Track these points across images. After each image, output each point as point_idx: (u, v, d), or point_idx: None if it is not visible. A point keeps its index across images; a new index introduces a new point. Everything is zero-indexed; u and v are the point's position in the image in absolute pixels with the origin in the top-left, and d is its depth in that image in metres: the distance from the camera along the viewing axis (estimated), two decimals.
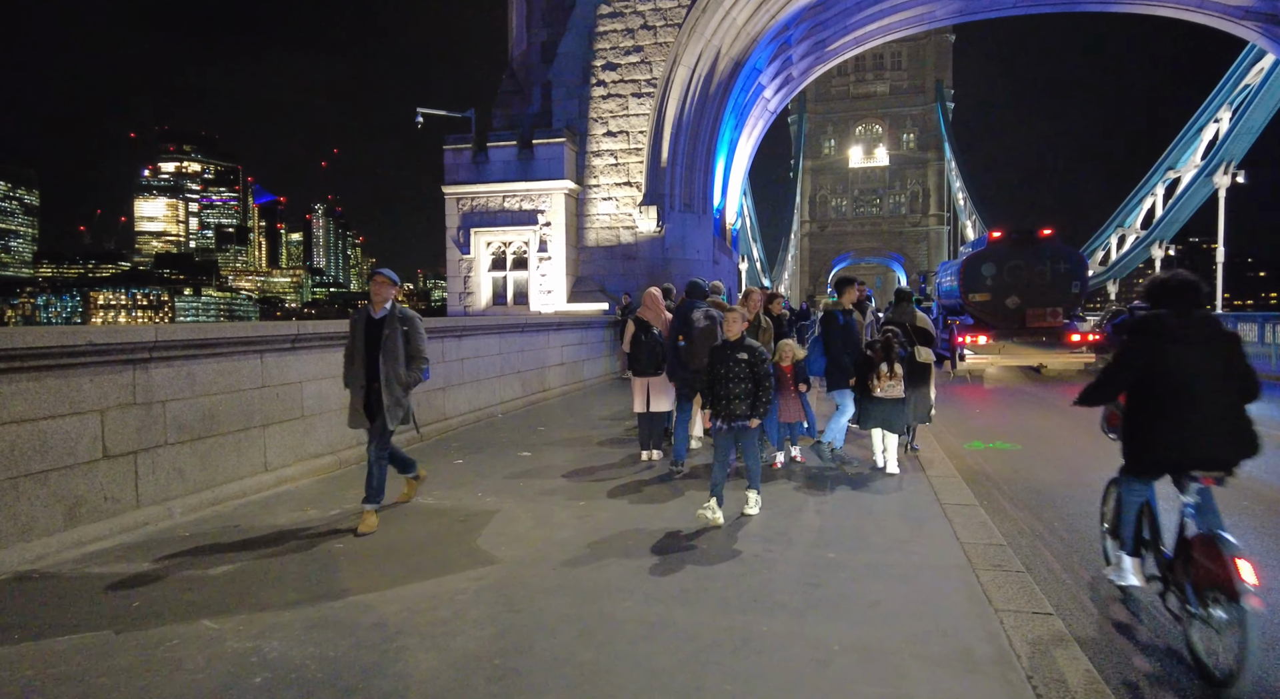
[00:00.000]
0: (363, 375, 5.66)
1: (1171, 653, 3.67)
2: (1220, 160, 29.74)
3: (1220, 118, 31.46)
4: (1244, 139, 29.77)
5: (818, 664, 3.31)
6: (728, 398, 5.46)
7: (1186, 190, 35.14)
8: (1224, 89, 30.84)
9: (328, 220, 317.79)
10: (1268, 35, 21.96)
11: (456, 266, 20.77)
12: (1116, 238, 42.62)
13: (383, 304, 5.68)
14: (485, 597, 4.12)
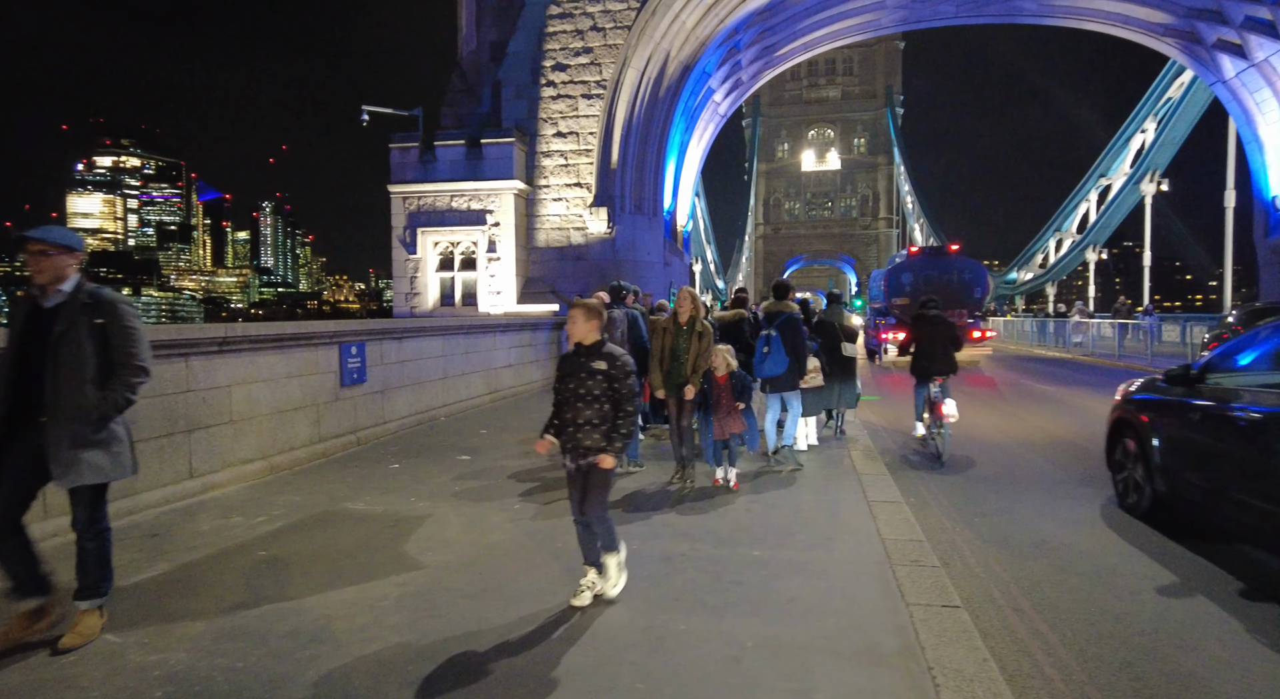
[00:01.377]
0: (8, 403, 3.42)
1: (1065, 641, 3.84)
2: (1146, 169, 31.14)
3: (1146, 128, 32.95)
4: (1167, 149, 31.24)
5: (730, 661, 3.37)
6: (574, 425, 3.93)
7: (1117, 197, 36.68)
8: (1149, 101, 32.31)
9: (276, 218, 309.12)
10: (1185, 52, 23.07)
11: (403, 267, 20.45)
12: (1055, 241, 44.24)
13: (55, 285, 3.53)
14: (407, 602, 4.09)
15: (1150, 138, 32.87)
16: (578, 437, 3.93)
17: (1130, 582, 4.66)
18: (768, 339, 7.19)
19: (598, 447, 3.90)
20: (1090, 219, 40.26)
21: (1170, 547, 5.31)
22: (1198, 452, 5.16)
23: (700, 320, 6.63)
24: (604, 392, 3.92)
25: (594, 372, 3.93)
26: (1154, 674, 3.47)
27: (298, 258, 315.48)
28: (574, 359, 4.03)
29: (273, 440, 7.44)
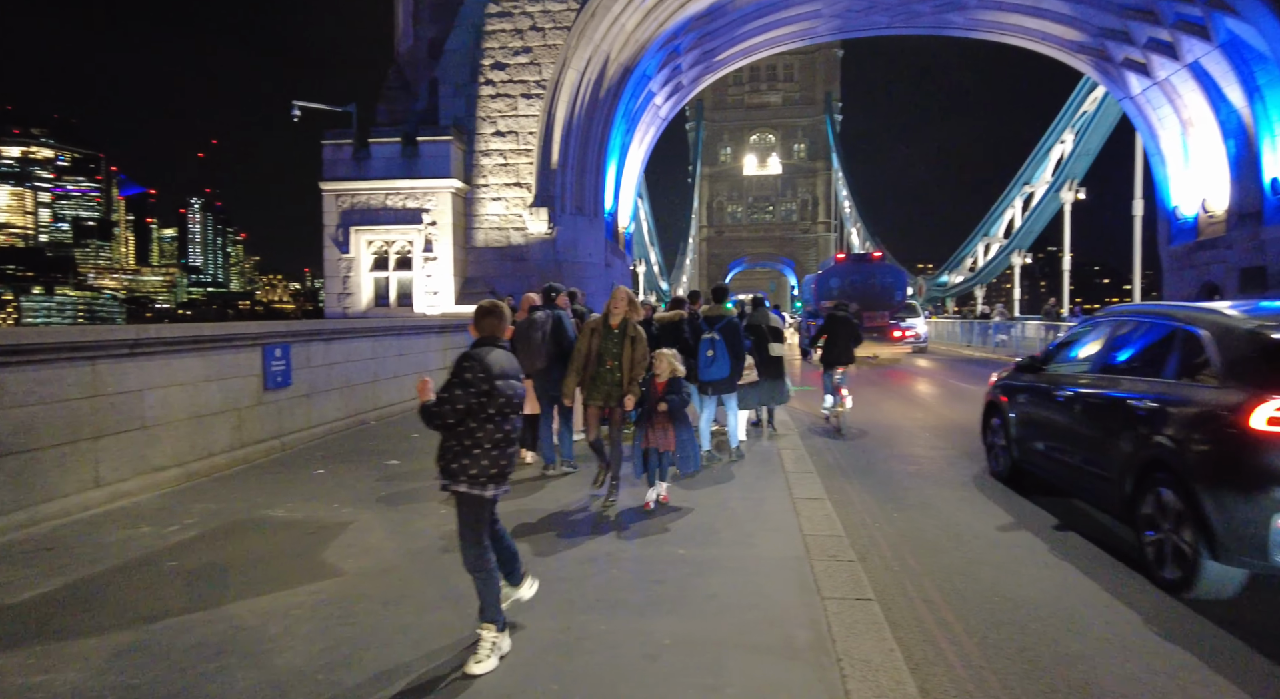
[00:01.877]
0: None
1: (969, 630, 4.01)
2: (1065, 178, 32.74)
3: (1065, 139, 34.67)
4: (1084, 160, 32.93)
5: (646, 659, 3.41)
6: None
7: (1039, 204, 38.44)
8: (1067, 114, 34.01)
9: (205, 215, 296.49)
10: (1097, 69, 24.37)
11: (335, 266, 19.91)
12: (983, 246, 46.03)
13: None
14: (322, 610, 3.99)
15: (1068, 148, 34.58)
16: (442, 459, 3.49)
17: (1031, 570, 4.90)
18: (711, 343, 7.39)
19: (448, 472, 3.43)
20: (1015, 225, 42.05)
21: (1029, 507, 5.93)
22: (1037, 424, 6.47)
23: (634, 324, 6.03)
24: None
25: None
26: (1046, 657, 3.65)
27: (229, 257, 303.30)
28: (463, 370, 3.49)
29: (190, 446, 7.15)
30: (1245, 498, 3.98)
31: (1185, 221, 22.48)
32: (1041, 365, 6.69)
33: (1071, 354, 6.40)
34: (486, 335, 3.55)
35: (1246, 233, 19.77)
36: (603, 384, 5.99)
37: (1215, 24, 18.93)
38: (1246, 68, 19.10)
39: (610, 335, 6.02)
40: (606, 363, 5.95)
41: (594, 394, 6.04)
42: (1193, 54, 20.18)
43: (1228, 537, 4.05)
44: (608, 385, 5.97)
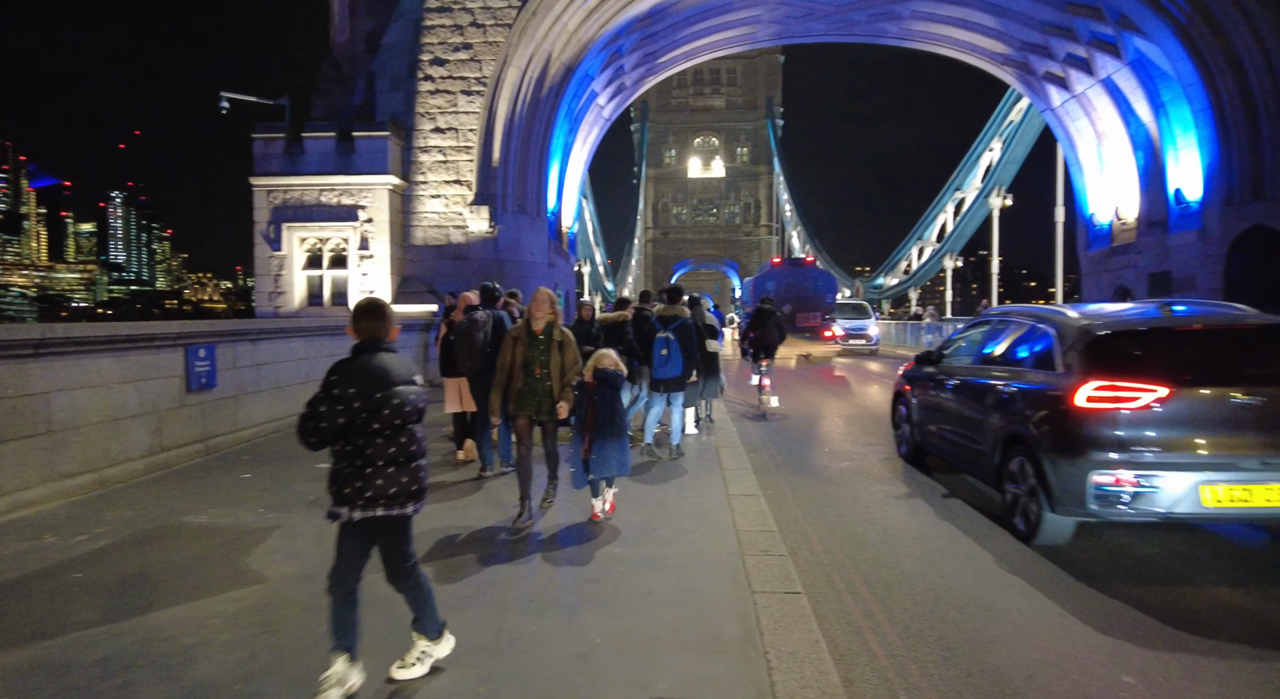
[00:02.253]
0: None
1: (892, 620, 4.15)
2: (993, 184, 34.22)
3: (993, 147, 36.22)
4: (1011, 167, 34.49)
5: (577, 658, 3.41)
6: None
7: (970, 209, 39.99)
8: (995, 123, 35.54)
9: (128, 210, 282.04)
10: (1021, 81, 25.54)
11: (266, 264, 19.21)
12: (917, 249, 47.61)
13: None
14: (241, 619, 3.86)
15: (997, 156, 36.11)
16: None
17: (951, 561, 5.09)
18: (666, 342, 7.65)
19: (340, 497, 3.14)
20: (948, 229, 43.64)
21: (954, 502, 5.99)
22: (932, 409, 7.38)
23: (560, 328, 5.61)
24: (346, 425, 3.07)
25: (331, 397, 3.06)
26: (963, 643, 3.80)
27: (154, 253, 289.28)
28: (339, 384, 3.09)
29: (104, 452, 6.80)
30: (1071, 461, 4.89)
31: (1101, 228, 23.72)
32: (937, 359, 7.61)
33: (961, 348, 7.31)
34: (367, 339, 3.12)
35: (1154, 240, 20.99)
36: (532, 395, 5.54)
37: (1125, 43, 20.04)
38: (1153, 84, 20.29)
39: (535, 343, 5.54)
40: (534, 371, 5.51)
41: (523, 405, 5.58)
42: (1106, 70, 21.31)
43: (1060, 493, 4.97)
44: (538, 396, 5.53)
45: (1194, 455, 4.68)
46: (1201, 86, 18.67)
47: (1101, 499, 4.74)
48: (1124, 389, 4.79)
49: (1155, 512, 4.69)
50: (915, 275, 47.06)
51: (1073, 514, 4.99)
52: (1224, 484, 4.57)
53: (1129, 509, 4.71)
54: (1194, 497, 4.59)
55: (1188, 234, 19.64)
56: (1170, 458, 4.68)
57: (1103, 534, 5.55)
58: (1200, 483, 4.59)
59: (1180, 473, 4.63)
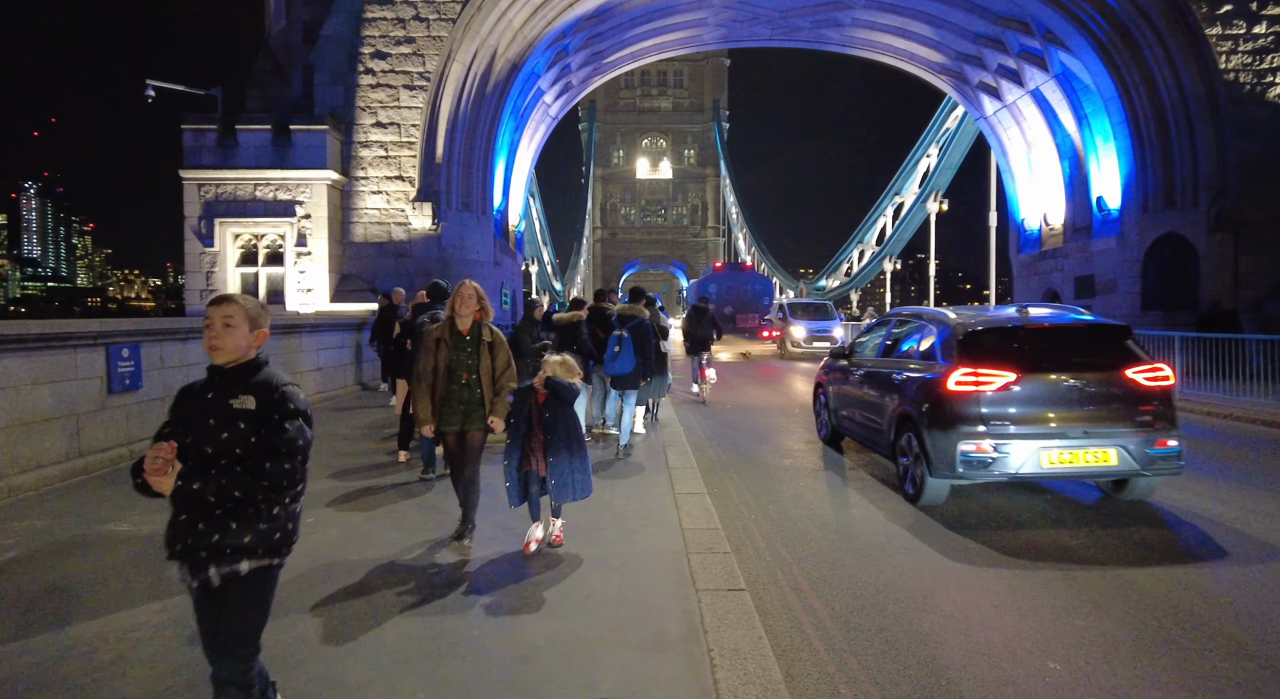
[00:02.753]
0: None
1: (833, 615, 4.23)
2: (931, 189, 35.33)
3: (930, 153, 37.39)
4: (947, 173, 35.68)
5: (519, 661, 3.36)
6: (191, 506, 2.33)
7: (908, 214, 41.18)
8: (932, 129, 36.71)
9: (44, 202, 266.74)
10: (957, 90, 26.46)
11: (197, 261, 18.43)
12: (858, 252, 48.79)
13: None
14: (167, 631, 3.68)
15: (934, 162, 37.28)
16: (194, 529, 2.30)
17: (892, 556, 5.22)
18: (619, 339, 7.79)
19: (236, 545, 2.31)
20: (887, 232, 44.84)
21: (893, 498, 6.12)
22: (844, 397, 8.42)
23: (489, 327, 4.98)
24: (248, 448, 2.32)
25: (231, 415, 2.34)
26: (901, 636, 3.90)
27: (74, 248, 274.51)
28: (199, 395, 2.41)
29: (11, 458, 6.40)
30: (944, 434, 5.94)
31: (1031, 233, 24.74)
32: (849, 354, 8.67)
33: (867, 344, 8.42)
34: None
35: (1079, 245, 22.01)
36: (458, 404, 4.88)
37: (1051, 57, 20.97)
38: (1076, 97, 21.28)
39: (461, 344, 4.89)
40: (461, 377, 4.86)
41: (448, 418, 4.88)
42: (1034, 81, 22.24)
43: (937, 460, 6.01)
44: (465, 405, 4.88)
45: (1035, 427, 5.82)
46: (1119, 100, 19.67)
47: (967, 464, 5.83)
48: (984, 375, 5.92)
49: (1008, 472, 5.80)
50: (856, 277, 48.22)
51: (946, 477, 6.04)
52: (1057, 449, 5.75)
53: (988, 472, 5.83)
54: (1036, 459, 5.75)
55: (1109, 240, 20.66)
56: (1018, 429, 5.81)
57: (972, 494, 6.74)
58: (1040, 449, 5.75)
59: (1025, 441, 5.76)
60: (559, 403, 4.79)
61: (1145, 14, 18.72)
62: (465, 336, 4.91)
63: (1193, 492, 6.80)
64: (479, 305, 4.91)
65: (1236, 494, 6.77)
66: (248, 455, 2.33)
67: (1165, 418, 5.95)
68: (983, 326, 6.40)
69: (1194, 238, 18.81)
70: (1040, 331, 6.33)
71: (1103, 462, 5.77)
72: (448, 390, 4.86)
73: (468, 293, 4.88)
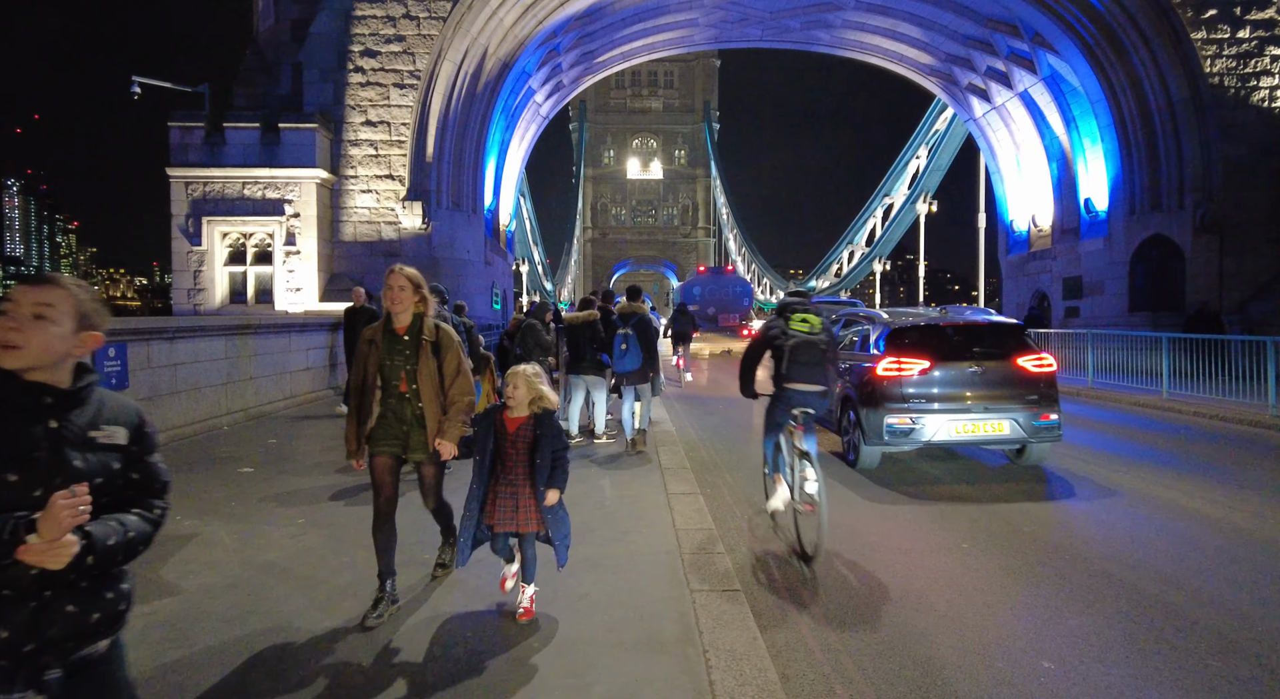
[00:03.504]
0: None
1: (828, 615, 4.23)
2: (920, 191, 35.52)
3: (920, 155, 37.60)
4: (936, 174, 35.88)
5: (513, 663, 3.34)
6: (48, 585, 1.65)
7: (897, 215, 41.40)
8: (921, 131, 36.93)
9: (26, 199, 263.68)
10: (946, 91, 26.59)
11: (185, 259, 18.25)
12: (848, 253, 49.00)
13: None
14: (151, 633, 3.63)
15: (923, 164, 37.49)
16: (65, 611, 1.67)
17: (886, 555, 5.23)
18: (625, 338, 8.11)
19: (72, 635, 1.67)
20: (877, 233, 45.06)
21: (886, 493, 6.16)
22: None
23: (433, 323, 3.94)
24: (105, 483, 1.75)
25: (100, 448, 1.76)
26: (895, 636, 3.90)
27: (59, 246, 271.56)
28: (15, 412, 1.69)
29: None
30: (875, 410, 7.35)
31: (1019, 234, 24.90)
32: None
33: None
34: None
35: (1067, 246, 22.17)
36: (395, 423, 3.86)
37: (1040, 59, 21.12)
38: (1064, 99, 21.44)
39: (397, 345, 3.86)
40: (396, 387, 3.85)
41: (382, 439, 3.87)
42: (1023, 84, 22.39)
43: (869, 431, 7.43)
44: (405, 424, 3.86)
45: (945, 404, 7.24)
46: (1106, 103, 19.84)
47: (892, 434, 7.25)
48: (905, 363, 7.32)
49: (924, 440, 7.23)
50: (846, 278, 48.42)
51: (876, 445, 7.44)
52: (962, 422, 7.19)
53: (909, 440, 7.25)
54: (946, 430, 7.19)
55: (1096, 241, 20.82)
56: (931, 406, 7.22)
57: (899, 460, 8.23)
58: (949, 421, 7.18)
59: (938, 415, 7.19)
60: (551, 435, 3.75)
61: (1132, 18, 18.89)
62: (402, 336, 3.89)
63: (1180, 490, 6.86)
64: (418, 295, 3.90)
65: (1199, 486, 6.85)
66: (115, 505, 1.75)
67: (1048, 397, 7.32)
68: (906, 325, 7.79)
69: (1180, 240, 18.99)
70: (951, 329, 7.70)
71: (999, 431, 7.20)
72: (384, 405, 3.87)
73: (399, 282, 3.85)
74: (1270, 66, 18.83)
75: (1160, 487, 7.04)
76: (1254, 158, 18.57)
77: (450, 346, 3.95)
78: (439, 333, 3.96)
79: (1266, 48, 18.82)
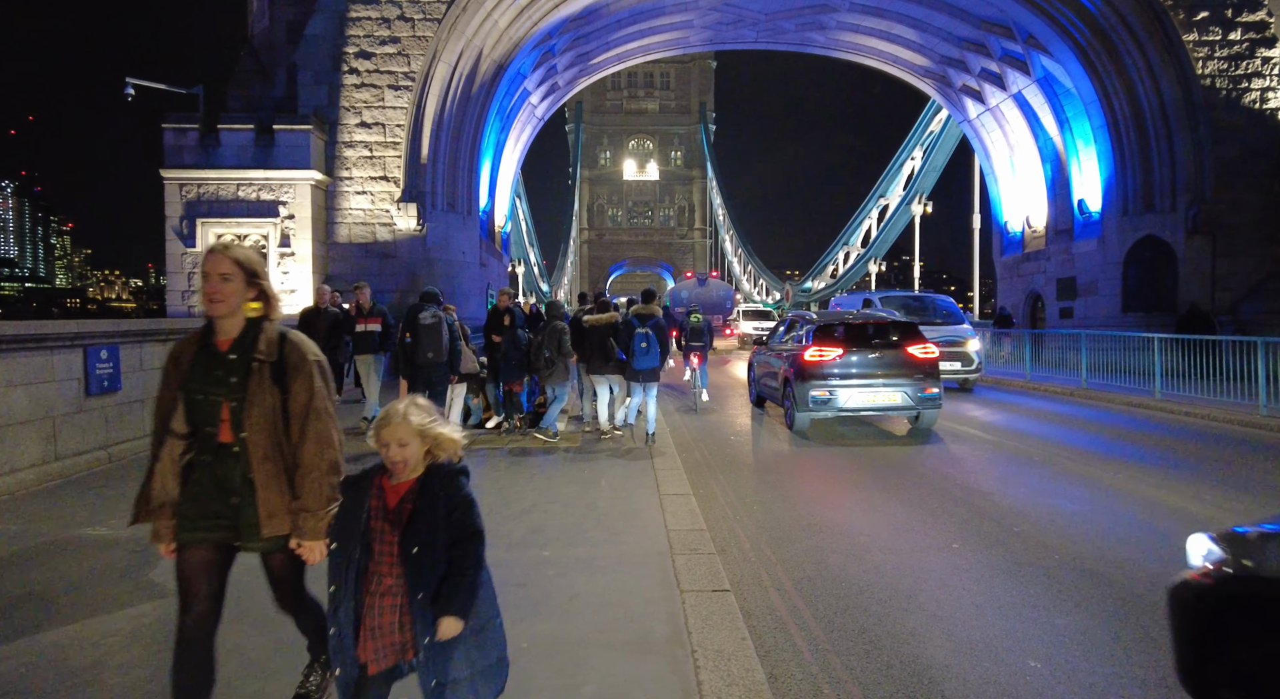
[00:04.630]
0: None
1: (816, 615, 4.24)
2: (915, 192, 35.61)
3: (915, 156, 37.66)
4: (931, 175, 35.96)
5: None
6: None
7: (893, 216, 41.45)
8: (916, 132, 36.98)
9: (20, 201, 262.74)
10: (940, 93, 26.68)
11: (179, 261, 18.21)
12: (843, 253, 49.05)
13: None
14: (144, 636, 3.63)
15: (918, 165, 37.55)
16: None
17: (876, 556, 5.25)
18: (645, 337, 8.80)
19: None
20: (872, 234, 45.11)
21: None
22: (762, 368, 12.03)
23: (275, 334, 2.57)
24: None
25: None
26: (883, 635, 3.92)
27: (53, 248, 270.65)
28: None
29: None
30: (803, 384, 9.70)
31: (1014, 235, 24.98)
32: (765, 341, 12.36)
33: (776, 335, 12.00)
34: None
35: (1061, 247, 22.25)
36: (214, 493, 2.50)
37: (1033, 61, 21.20)
38: (1058, 101, 21.53)
39: (216, 368, 2.50)
40: (213, 436, 2.48)
41: (195, 519, 2.50)
42: (1017, 85, 22.48)
43: (799, 401, 9.78)
44: (230, 495, 2.51)
45: (855, 380, 9.62)
46: (1099, 105, 19.92)
47: (815, 403, 9.62)
48: (825, 351, 9.79)
49: (838, 407, 9.61)
50: (842, 279, 48.46)
51: (804, 411, 9.76)
52: (867, 393, 9.61)
53: (828, 407, 9.63)
54: (855, 399, 9.60)
55: (1090, 242, 20.90)
56: (844, 382, 9.60)
57: (825, 425, 10.44)
58: (856, 392, 9.59)
59: (849, 388, 9.58)
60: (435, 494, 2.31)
61: (1124, 20, 18.98)
62: (225, 355, 2.52)
63: (1170, 490, 6.90)
64: (253, 289, 2.54)
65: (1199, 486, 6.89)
66: None
67: (931, 375, 9.81)
68: (827, 322, 10.41)
69: (1173, 241, 19.08)
70: (861, 324, 10.24)
71: (893, 400, 9.64)
72: (194, 465, 2.50)
73: (221, 267, 2.48)
74: (1261, 68, 18.94)
75: (1150, 486, 7.08)
76: (1245, 159, 18.67)
77: (302, 369, 2.53)
78: (285, 348, 2.55)
79: (1257, 50, 18.93)
